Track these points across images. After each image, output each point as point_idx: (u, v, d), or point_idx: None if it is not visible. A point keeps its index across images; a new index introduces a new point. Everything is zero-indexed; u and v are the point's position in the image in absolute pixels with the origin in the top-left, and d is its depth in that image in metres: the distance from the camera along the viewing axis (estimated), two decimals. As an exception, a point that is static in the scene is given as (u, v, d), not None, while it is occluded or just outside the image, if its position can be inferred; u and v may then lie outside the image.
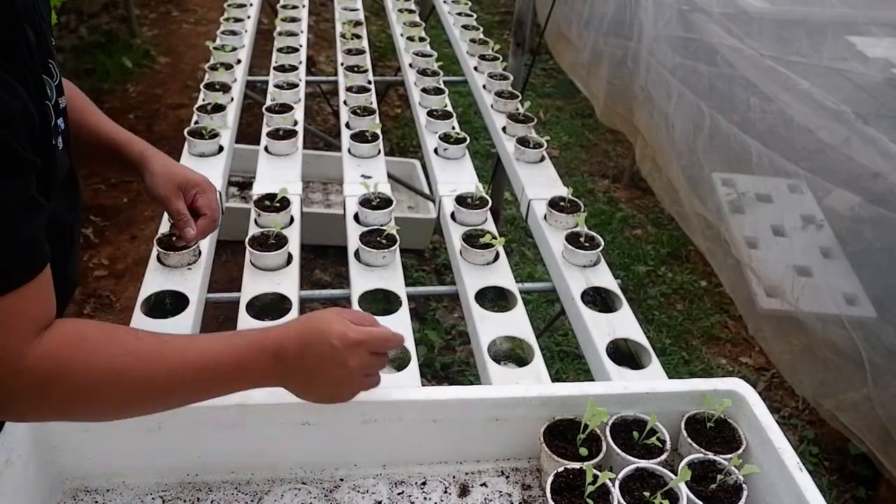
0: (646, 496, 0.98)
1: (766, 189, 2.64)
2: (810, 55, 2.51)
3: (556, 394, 1.09)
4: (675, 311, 3.20)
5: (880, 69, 2.37)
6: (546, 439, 1.06)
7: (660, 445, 1.06)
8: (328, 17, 5.43)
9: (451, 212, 1.81)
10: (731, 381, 1.12)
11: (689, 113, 2.96)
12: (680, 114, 3.03)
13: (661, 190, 3.42)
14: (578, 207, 1.77)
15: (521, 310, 1.49)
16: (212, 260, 1.58)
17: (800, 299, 2.34)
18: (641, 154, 3.63)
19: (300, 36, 2.70)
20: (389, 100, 4.63)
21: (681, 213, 3.15)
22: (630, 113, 3.66)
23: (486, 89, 2.42)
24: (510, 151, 2.05)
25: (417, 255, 3.34)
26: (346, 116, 2.20)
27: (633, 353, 1.41)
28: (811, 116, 2.34)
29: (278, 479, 1.07)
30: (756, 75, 2.63)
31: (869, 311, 2.16)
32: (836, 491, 2.44)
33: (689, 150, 2.95)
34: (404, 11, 3.01)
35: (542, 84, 5.17)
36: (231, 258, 3.04)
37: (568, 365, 2.85)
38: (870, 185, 2.16)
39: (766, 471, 1.03)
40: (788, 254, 2.49)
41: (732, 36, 2.78)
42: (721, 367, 2.92)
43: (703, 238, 2.91)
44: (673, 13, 3.17)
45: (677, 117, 3.06)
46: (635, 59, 3.52)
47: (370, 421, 1.05)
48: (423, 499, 1.06)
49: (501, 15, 6.24)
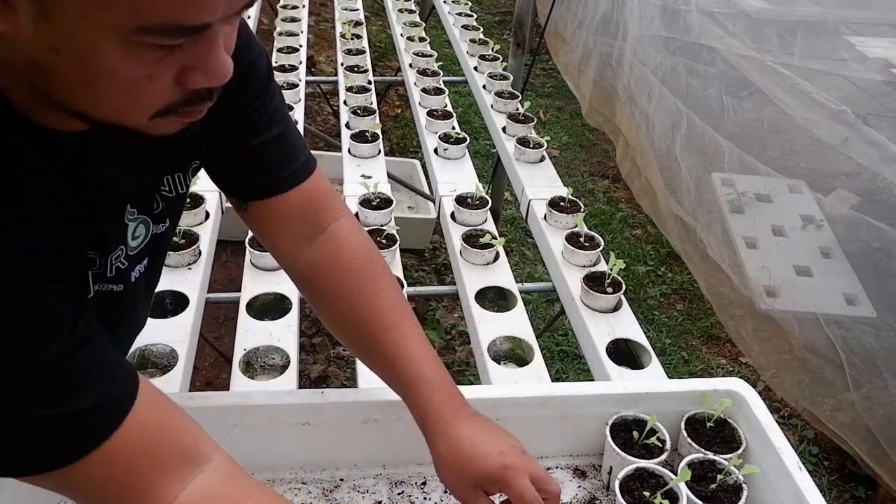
0: (646, 496, 0.98)
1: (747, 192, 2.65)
2: (810, 55, 2.51)
3: (556, 394, 1.09)
4: (675, 311, 3.20)
5: (879, 69, 2.37)
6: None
7: (660, 445, 1.06)
8: (328, 17, 5.43)
9: (451, 212, 1.81)
10: (731, 381, 1.12)
11: (668, 113, 2.97)
12: (660, 114, 3.04)
13: (639, 190, 3.45)
14: (578, 207, 1.77)
15: (521, 310, 1.49)
16: (212, 260, 1.58)
17: (776, 301, 2.34)
18: (622, 154, 3.65)
19: (300, 36, 2.70)
20: (389, 100, 4.63)
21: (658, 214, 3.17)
22: (613, 113, 3.68)
23: (486, 89, 2.42)
24: (510, 151, 2.05)
25: (417, 255, 3.34)
26: (346, 116, 2.20)
27: (633, 353, 1.41)
28: (811, 116, 2.34)
29: (278, 479, 1.07)
30: (755, 76, 2.63)
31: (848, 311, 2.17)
32: (836, 491, 2.44)
33: (667, 151, 2.96)
34: (404, 11, 3.01)
35: (542, 84, 5.17)
36: (231, 258, 3.03)
37: (568, 365, 2.85)
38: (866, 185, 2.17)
39: (765, 471, 1.03)
40: (767, 256, 2.50)
41: (730, 36, 2.79)
42: (721, 367, 2.92)
43: (679, 239, 2.92)
44: (657, 12, 3.18)
45: (657, 117, 3.06)
46: (619, 59, 3.53)
47: (370, 421, 1.05)
48: (423, 499, 1.06)
49: (501, 15, 6.23)
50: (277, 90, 0.91)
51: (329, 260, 0.95)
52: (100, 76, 0.57)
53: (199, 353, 1.54)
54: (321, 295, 0.97)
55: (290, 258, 0.97)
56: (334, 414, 1.03)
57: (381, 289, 0.94)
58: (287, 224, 0.94)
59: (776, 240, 2.55)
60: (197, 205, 1.63)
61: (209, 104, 0.66)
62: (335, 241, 0.95)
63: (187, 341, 1.32)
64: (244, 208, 0.93)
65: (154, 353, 1.30)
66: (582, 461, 1.12)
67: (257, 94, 0.87)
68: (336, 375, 2.60)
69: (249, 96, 0.86)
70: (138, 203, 0.81)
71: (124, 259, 0.81)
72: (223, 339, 2.62)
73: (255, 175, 0.91)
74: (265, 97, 0.88)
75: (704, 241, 2.69)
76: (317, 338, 2.76)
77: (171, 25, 0.55)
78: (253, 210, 0.93)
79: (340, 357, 2.71)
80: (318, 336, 2.77)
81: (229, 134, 0.87)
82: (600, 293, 1.47)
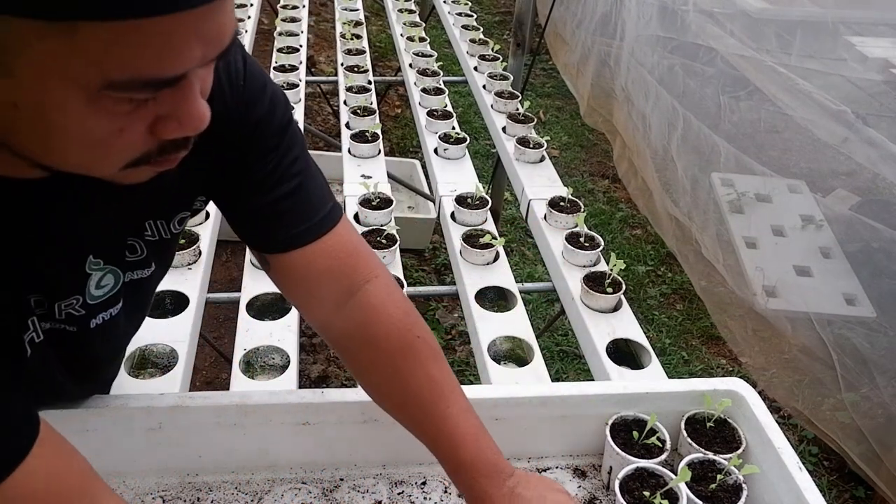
0: (646, 496, 0.98)
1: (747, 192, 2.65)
2: (810, 55, 2.51)
3: (556, 394, 1.09)
4: (674, 311, 3.20)
5: (879, 69, 2.38)
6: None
7: (660, 445, 1.06)
8: (328, 17, 5.43)
9: (451, 212, 1.81)
10: (731, 381, 1.12)
11: (664, 113, 2.97)
12: (656, 114, 3.05)
13: (635, 190, 3.45)
14: (578, 207, 1.77)
15: (521, 310, 1.49)
16: (212, 260, 1.58)
17: (776, 301, 2.34)
18: (619, 154, 3.65)
19: (300, 36, 2.70)
20: (389, 100, 4.63)
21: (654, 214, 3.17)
22: (610, 113, 3.68)
23: (486, 89, 2.42)
24: (510, 151, 2.05)
25: (417, 255, 3.34)
26: (346, 116, 2.20)
27: (633, 353, 1.41)
28: (811, 116, 2.34)
29: (278, 479, 1.07)
30: (754, 76, 2.63)
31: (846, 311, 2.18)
32: (836, 491, 2.44)
33: (663, 151, 2.97)
34: (404, 11, 3.01)
35: (542, 84, 5.17)
36: (231, 258, 3.04)
37: (568, 365, 2.85)
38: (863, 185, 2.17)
39: (765, 470, 1.03)
40: (767, 256, 2.50)
41: (729, 35, 2.79)
42: (721, 367, 2.92)
43: (675, 239, 2.92)
44: (654, 12, 3.18)
45: (654, 117, 3.07)
46: (617, 59, 3.53)
47: (370, 421, 1.05)
48: (423, 499, 1.06)
49: (501, 15, 6.23)
50: (296, 138, 0.85)
51: (360, 332, 0.89)
52: (64, 132, 0.53)
53: (199, 353, 1.54)
54: (354, 365, 0.93)
55: (319, 322, 0.92)
56: (334, 414, 1.03)
57: (415, 365, 0.88)
58: (312, 284, 0.88)
59: (776, 240, 2.56)
60: (197, 205, 1.63)
61: (184, 153, 0.61)
62: (366, 310, 0.88)
63: (187, 341, 1.32)
64: (267, 267, 0.89)
65: (154, 353, 1.30)
66: (582, 461, 1.12)
67: (270, 150, 0.82)
68: (336, 375, 2.60)
69: (260, 153, 0.82)
70: (104, 254, 0.77)
71: (80, 308, 0.77)
72: (223, 339, 2.62)
73: (272, 229, 0.85)
74: (278, 152, 0.83)
75: (699, 241, 2.70)
76: (317, 338, 2.76)
77: (143, 80, 0.50)
78: (275, 267, 0.88)
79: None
80: (318, 336, 2.77)
81: (243, 190, 0.83)
82: (600, 293, 1.47)
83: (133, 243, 0.80)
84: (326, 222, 0.86)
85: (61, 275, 0.73)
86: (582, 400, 1.09)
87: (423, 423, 0.89)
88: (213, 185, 0.83)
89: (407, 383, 0.88)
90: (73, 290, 0.76)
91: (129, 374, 1.24)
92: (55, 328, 0.77)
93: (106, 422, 0.98)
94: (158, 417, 0.99)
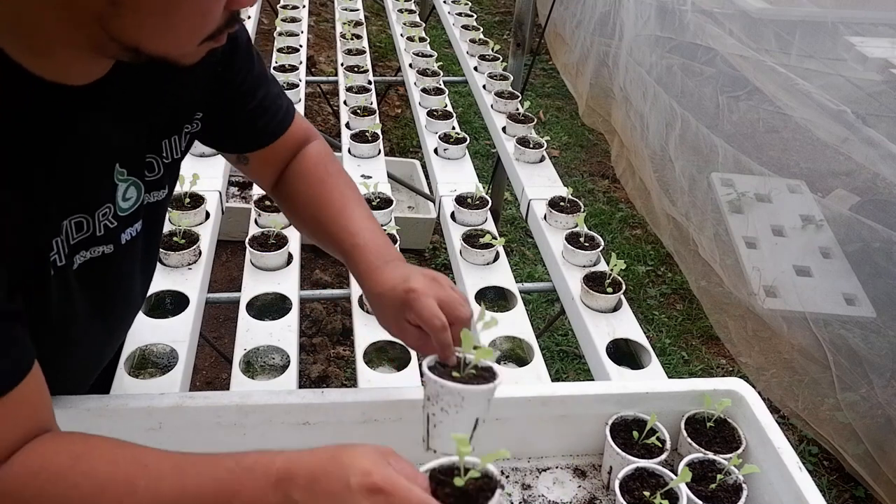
0: (646, 496, 0.99)
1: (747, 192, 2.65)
2: (809, 55, 2.52)
3: (556, 394, 1.09)
4: (674, 311, 3.20)
5: (879, 69, 2.38)
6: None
7: (660, 445, 1.06)
8: (328, 17, 5.43)
9: (451, 212, 1.81)
10: (731, 381, 1.12)
11: (662, 113, 2.97)
12: (654, 114, 3.05)
13: (633, 190, 3.45)
14: (578, 207, 1.77)
15: (521, 310, 1.49)
16: (212, 260, 1.58)
17: (776, 302, 2.34)
18: (617, 154, 3.65)
19: (300, 36, 2.70)
20: (389, 100, 4.63)
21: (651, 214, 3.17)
22: (609, 113, 3.68)
23: (486, 89, 2.42)
24: (510, 151, 2.05)
25: (417, 255, 3.34)
26: (346, 116, 2.20)
27: (633, 353, 1.41)
28: (810, 116, 2.34)
29: (278, 479, 1.07)
30: (754, 76, 2.64)
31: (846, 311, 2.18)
32: (836, 490, 2.44)
33: (661, 151, 2.97)
34: (404, 11, 3.01)
35: (542, 84, 5.17)
36: (231, 258, 3.04)
37: (568, 365, 2.85)
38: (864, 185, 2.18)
39: (765, 470, 1.03)
40: (767, 256, 2.50)
41: (728, 35, 2.79)
42: (721, 367, 2.92)
43: (672, 239, 2.92)
44: (652, 12, 3.18)
45: (652, 117, 3.07)
46: (616, 59, 3.53)
47: (370, 421, 1.05)
48: (423, 498, 1.06)
49: (501, 15, 6.23)
50: (256, 52, 1.02)
51: (292, 173, 1.09)
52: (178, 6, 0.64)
53: (199, 353, 1.54)
54: (288, 201, 1.11)
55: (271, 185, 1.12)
56: (334, 414, 1.03)
57: (332, 186, 1.07)
58: (281, 164, 1.09)
59: (776, 240, 2.56)
60: (197, 205, 1.63)
61: (234, 29, 0.73)
62: (300, 158, 1.10)
63: (187, 341, 1.32)
64: (246, 162, 1.08)
65: (154, 353, 1.30)
66: (582, 461, 1.12)
67: (244, 63, 0.98)
68: (336, 375, 2.60)
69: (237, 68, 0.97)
70: (128, 163, 0.85)
71: (112, 218, 0.85)
72: (223, 339, 2.62)
73: (255, 130, 1.04)
74: (251, 65, 0.99)
75: (697, 241, 2.70)
76: (317, 338, 2.76)
77: None
78: (254, 161, 1.07)
79: (340, 357, 2.71)
80: (318, 336, 2.77)
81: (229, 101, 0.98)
82: (600, 293, 1.47)
83: (151, 160, 0.89)
84: (289, 115, 1.07)
85: (95, 180, 0.82)
86: (582, 400, 1.09)
87: (330, 225, 1.04)
88: (208, 100, 0.96)
89: (324, 199, 1.06)
90: (106, 197, 0.83)
91: (129, 374, 1.24)
92: (93, 257, 0.84)
93: (106, 422, 0.98)
94: (158, 417, 0.99)
